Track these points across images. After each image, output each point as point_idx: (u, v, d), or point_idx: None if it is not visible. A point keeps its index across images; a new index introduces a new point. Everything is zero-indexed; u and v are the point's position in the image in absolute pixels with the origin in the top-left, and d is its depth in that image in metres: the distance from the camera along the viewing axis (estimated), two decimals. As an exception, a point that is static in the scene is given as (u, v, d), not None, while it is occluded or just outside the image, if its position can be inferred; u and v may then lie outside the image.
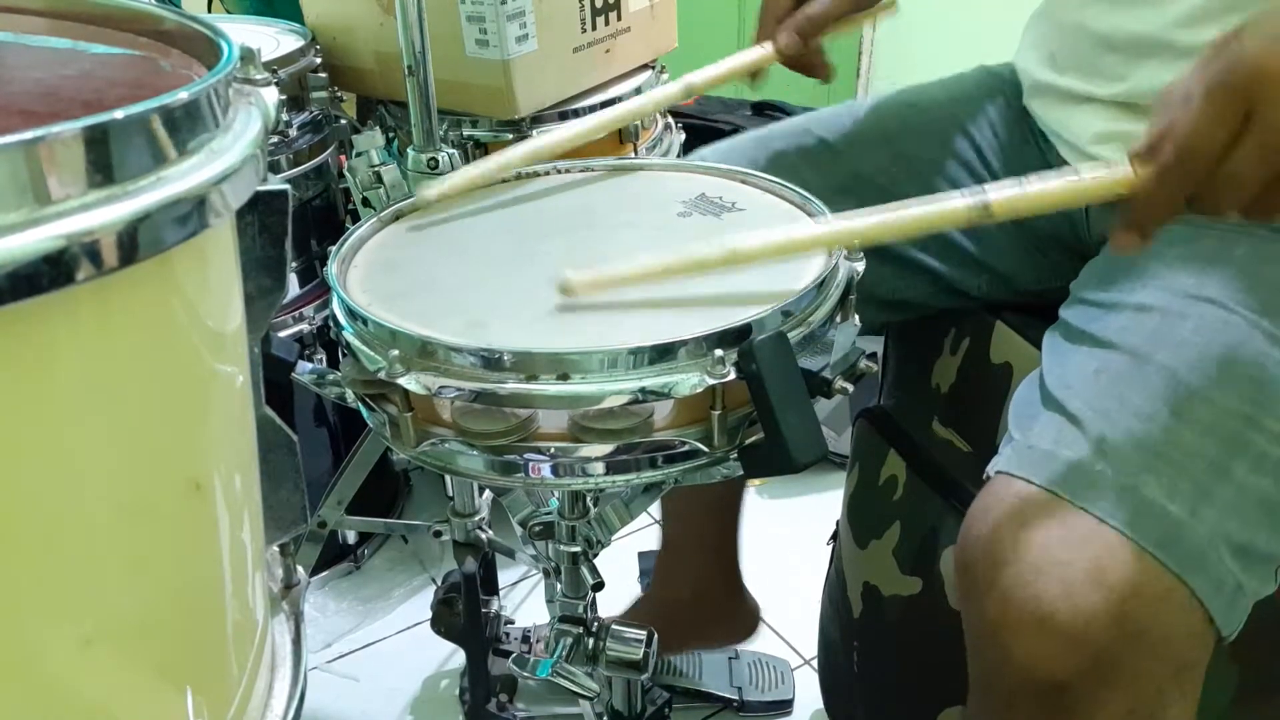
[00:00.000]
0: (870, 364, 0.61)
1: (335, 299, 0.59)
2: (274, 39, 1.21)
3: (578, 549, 0.76)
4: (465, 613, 1.03)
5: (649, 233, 0.67)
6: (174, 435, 0.35)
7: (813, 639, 1.09)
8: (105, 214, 0.28)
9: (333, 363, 1.15)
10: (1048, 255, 0.82)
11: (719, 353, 0.52)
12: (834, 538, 1.05)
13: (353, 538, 1.37)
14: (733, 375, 0.52)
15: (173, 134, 0.31)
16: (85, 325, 0.30)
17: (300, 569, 0.52)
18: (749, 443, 0.56)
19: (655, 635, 0.81)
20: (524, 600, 1.33)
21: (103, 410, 0.31)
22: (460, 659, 1.21)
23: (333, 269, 0.62)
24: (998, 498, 0.57)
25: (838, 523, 1.03)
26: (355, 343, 0.56)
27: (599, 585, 0.78)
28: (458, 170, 0.74)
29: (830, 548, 1.05)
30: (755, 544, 1.15)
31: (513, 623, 1.21)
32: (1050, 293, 0.77)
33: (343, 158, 1.26)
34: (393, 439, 0.58)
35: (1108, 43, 0.71)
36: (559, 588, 0.79)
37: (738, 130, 0.95)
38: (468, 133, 1.16)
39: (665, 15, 1.30)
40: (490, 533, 1.12)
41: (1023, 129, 0.83)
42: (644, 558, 1.36)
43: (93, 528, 0.32)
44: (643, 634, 0.80)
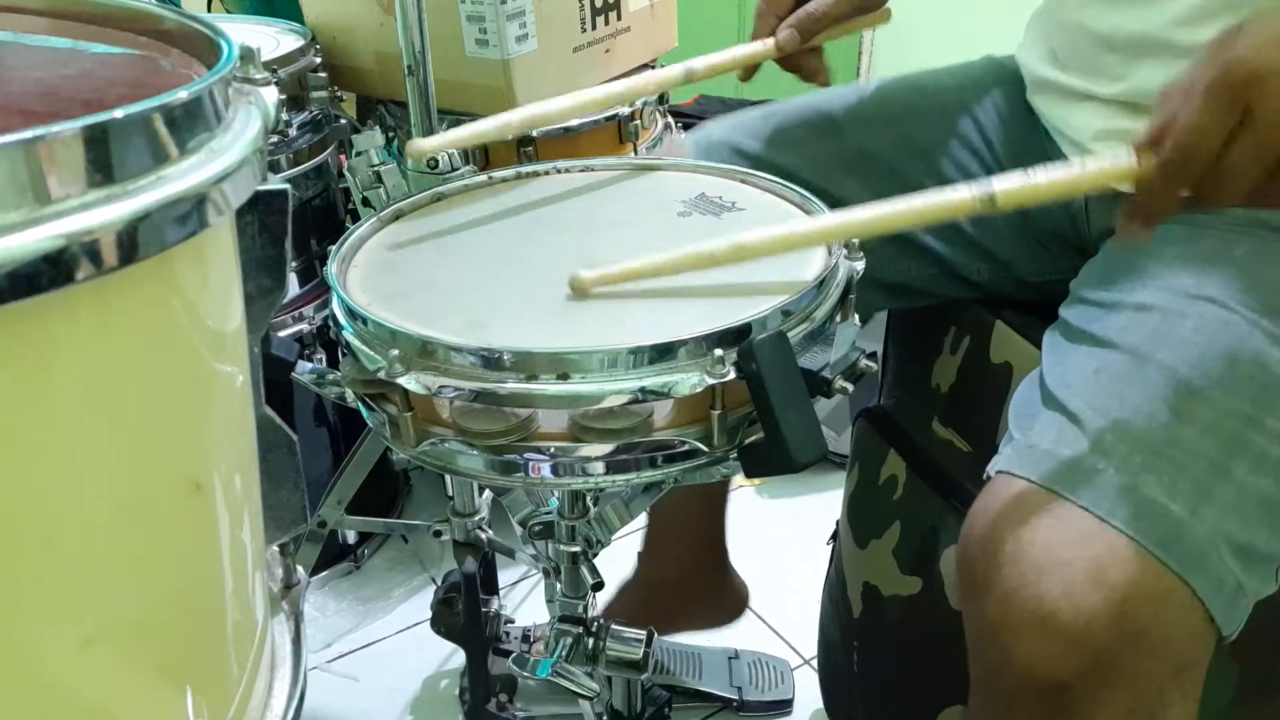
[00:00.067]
0: (870, 364, 0.61)
1: (335, 299, 0.59)
2: (274, 39, 1.21)
3: (578, 549, 0.76)
4: (465, 613, 1.03)
5: (649, 232, 0.67)
6: (174, 435, 0.35)
7: (813, 639, 1.09)
8: (105, 213, 0.28)
9: (333, 363, 1.15)
10: (1048, 248, 0.82)
11: (719, 352, 0.52)
12: (834, 538, 1.05)
13: (353, 537, 1.37)
14: (733, 375, 0.52)
15: (173, 133, 0.31)
16: (85, 325, 0.30)
17: (300, 569, 0.52)
18: (749, 442, 0.56)
19: (654, 635, 0.81)
20: (524, 600, 1.33)
21: (103, 410, 0.31)
22: (460, 659, 1.21)
23: (333, 269, 0.62)
24: (998, 497, 0.57)
25: (838, 523, 1.03)
26: (355, 343, 0.56)
27: (599, 585, 0.78)
28: (454, 129, 0.73)
29: (830, 548, 1.05)
30: (755, 544, 1.15)
31: (513, 622, 1.21)
32: (1050, 285, 0.77)
33: (343, 158, 1.26)
34: (393, 439, 0.58)
35: (1107, 42, 0.71)
36: (559, 588, 0.79)
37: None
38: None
39: (665, 15, 1.30)
40: (490, 533, 1.12)
41: (1027, 119, 0.83)
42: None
43: (93, 528, 0.32)
44: (642, 634, 0.80)
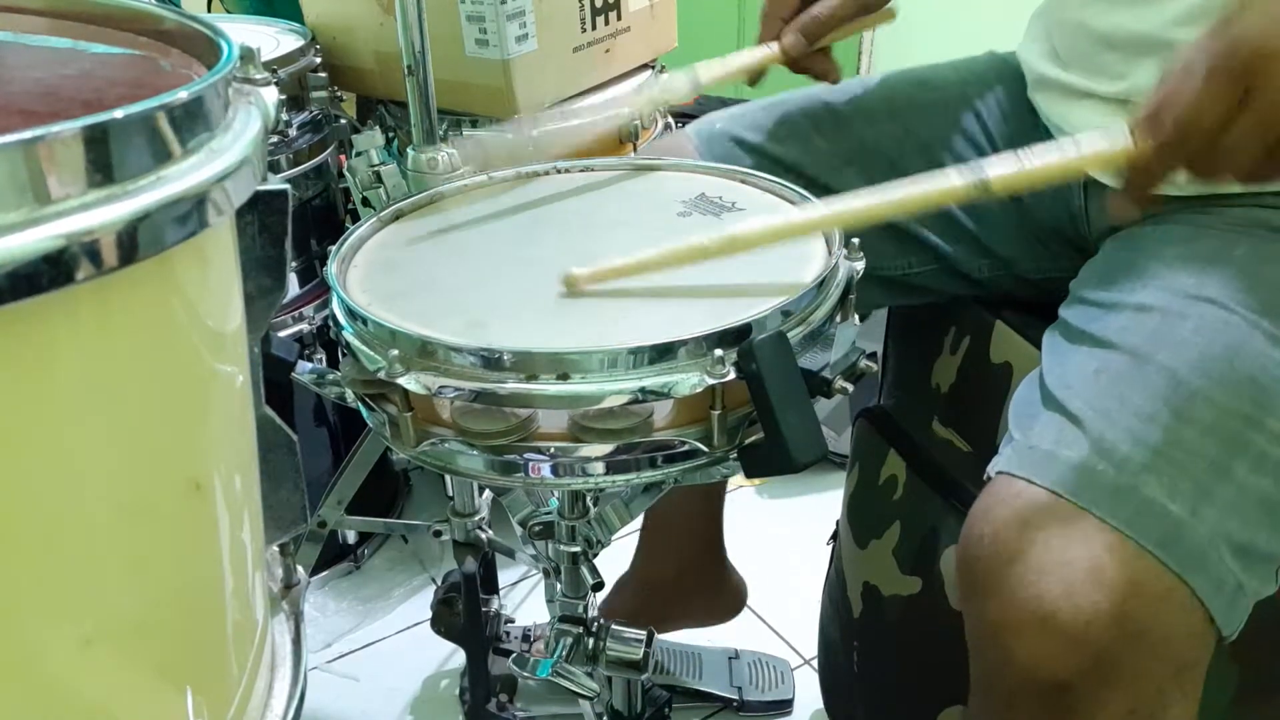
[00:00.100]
0: (870, 364, 0.61)
1: (335, 299, 0.59)
2: (274, 39, 1.21)
3: (578, 549, 0.76)
4: (465, 612, 1.03)
5: (649, 232, 0.67)
6: (174, 435, 0.35)
7: (813, 639, 1.09)
8: (105, 214, 0.28)
9: (333, 363, 1.15)
10: (1048, 245, 0.82)
11: (719, 352, 0.52)
12: (834, 538, 1.05)
13: (353, 538, 1.37)
14: (733, 375, 0.52)
15: (173, 133, 0.31)
16: (85, 325, 0.29)
17: (300, 569, 0.52)
18: (749, 442, 0.56)
19: (655, 635, 0.81)
20: (524, 600, 1.33)
21: (103, 410, 0.31)
22: (460, 659, 1.21)
23: (333, 269, 0.62)
24: (998, 498, 0.57)
25: (838, 523, 1.03)
26: (355, 343, 0.56)
27: (599, 585, 0.78)
28: (489, 135, 0.73)
29: (830, 548, 1.05)
30: (755, 544, 1.15)
31: (513, 622, 1.21)
32: (1050, 283, 0.77)
33: (343, 158, 1.26)
34: (393, 439, 0.58)
35: (1108, 41, 0.71)
36: (559, 588, 0.79)
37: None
38: (467, 133, 1.16)
39: (665, 15, 1.30)
40: (490, 533, 1.12)
41: (1029, 114, 0.82)
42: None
43: (93, 528, 0.32)
44: (642, 634, 0.80)
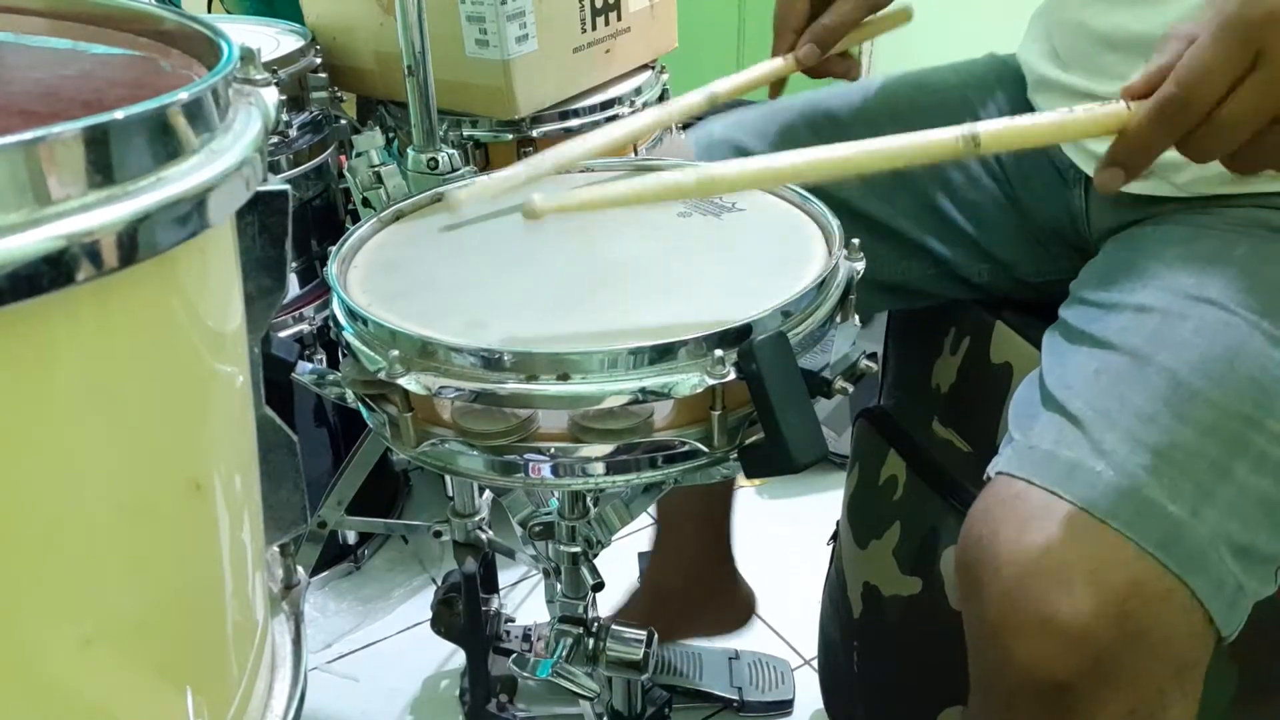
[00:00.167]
0: (870, 364, 0.61)
1: (335, 299, 0.59)
2: (274, 39, 1.21)
3: (578, 549, 0.76)
4: (465, 613, 1.03)
5: (649, 232, 0.67)
6: (174, 435, 0.35)
7: (813, 639, 1.09)
8: (105, 214, 0.28)
9: (333, 363, 1.15)
10: (1048, 248, 0.82)
11: (719, 353, 0.52)
12: (834, 538, 1.05)
13: (353, 538, 1.37)
14: (733, 375, 0.52)
15: (173, 134, 0.31)
16: (85, 325, 0.29)
17: (300, 569, 0.52)
18: (749, 443, 0.56)
19: (655, 635, 0.81)
20: (524, 600, 1.33)
21: (103, 410, 0.31)
22: (460, 659, 1.21)
23: (333, 269, 0.62)
24: (998, 498, 0.57)
25: (838, 523, 1.03)
26: (355, 343, 0.56)
27: (599, 585, 0.78)
28: (485, 177, 0.73)
29: (830, 548, 1.05)
30: (755, 544, 1.15)
31: (513, 622, 1.21)
32: (1050, 286, 0.77)
33: (343, 158, 1.26)
34: (393, 439, 0.58)
35: (1108, 42, 0.71)
36: (559, 588, 0.79)
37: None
38: (468, 133, 1.16)
39: (665, 15, 1.30)
40: (490, 533, 1.12)
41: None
42: (644, 558, 1.35)
43: (93, 528, 0.32)
44: (643, 634, 0.80)
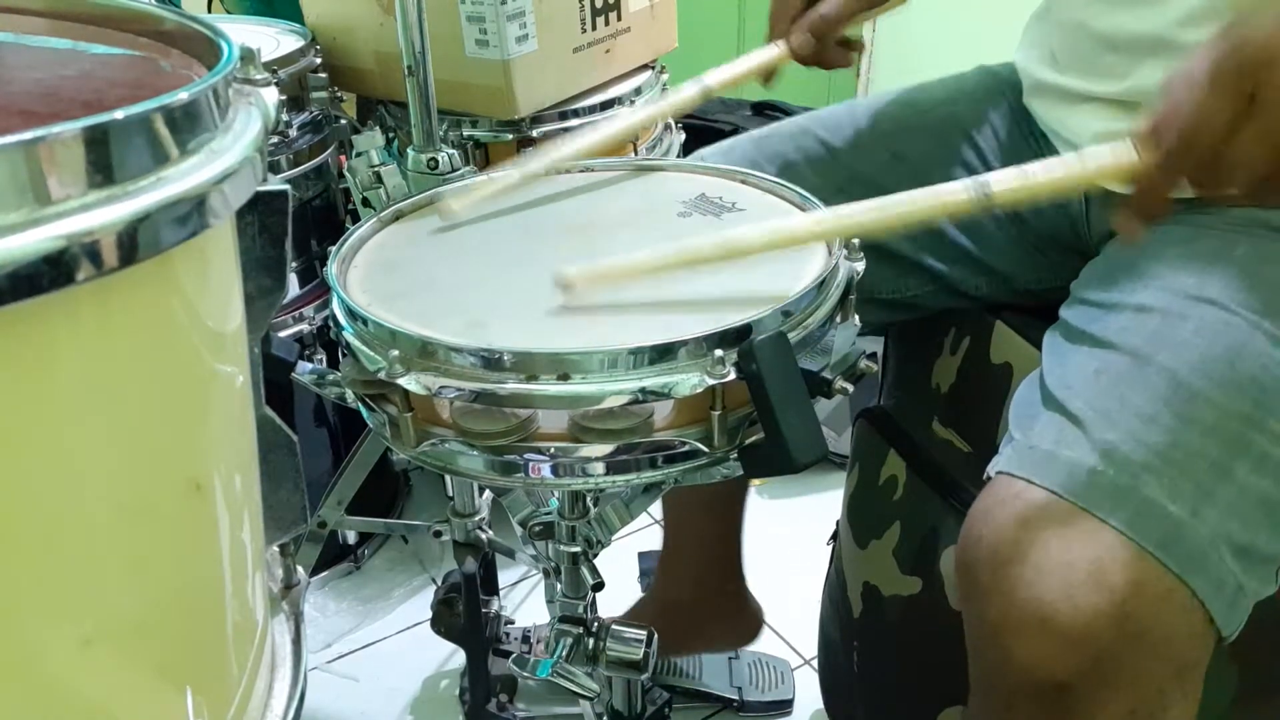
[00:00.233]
0: (870, 364, 0.61)
1: (335, 299, 0.59)
2: (274, 39, 1.21)
3: (578, 549, 0.76)
4: (465, 613, 1.03)
5: (649, 233, 0.67)
6: (174, 435, 0.35)
7: (813, 639, 1.09)
8: (105, 214, 0.28)
9: (333, 363, 1.15)
10: (1047, 255, 0.82)
11: (719, 353, 0.52)
12: (834, 538, 1.05)
13: (353, 538, 1.37)
14: (733, 375, 0.52)
15: (173, 134, 0.31)
16: (85, 325, 0.29)
17: (300, 569, 0.52)
18: (749, 443, 0.56)
19: (655, 635, 0.81)
20: (524, 600, 1.33)
21: (103, 410, 0.31)
22: (460, 659, 1.21)
23: (333, 269, 0.62)
24: (998, 499, 0.57)
25: (838, 523, 1.03)
26: (355, 343, 0.56)
27: (599, 585, 0.78)
28: (480, 179, 0.74)
29: (830, 548, 1.05)
30: (755, 544, 1.15)
31: (513, 623, 1.21)
32: (1050, 292, 0.77)
33: (343, 158, 1.26)
34: (393, 439, 0.58)
35: (1108, 42, 0.71)
36: (559, 588, 0.79)
37: (737, 130, 0.95)
38: (468, 133, 1.16)
39: (665, 15, 1.30)
40: (490, 533, 1.12)
41: (1023, 130, 0.83)
42: (644, 558, 1.36)
43: (93, 528, 0.32)
44: (643, 634, 0.80)
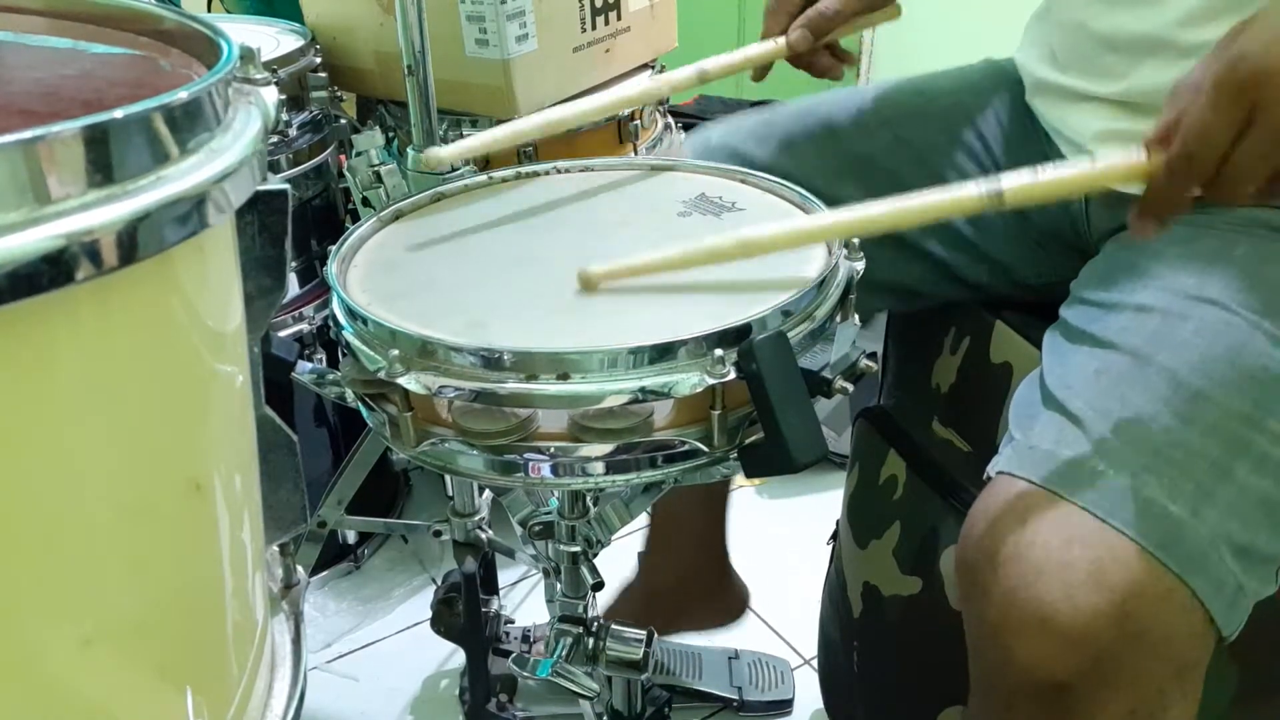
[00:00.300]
0: (870, 364, 0.61)
1: (335, 299, 0.59)
2: (274, 39, 1.21)
3: (577, 549, 0.76)
4: (465, 613, 1.03)
5: (649, 232, 0.67)
6: (174, 435, 0.35)
7: (813, 639, 1.09)
8: (105, 213, 0.28)
9: (333, 363, 1.15)
10: (1047, 250, 0.82)
11: (719, 352, 0.52)
12: (834, 538, 1.05)
13: (353, 538, 1.37)
14: (733, 375, 0.52)
15: (173, 133, 0.31)
16: (85, 325, 0.29)
17: (300, 569, 0.52)
18: (749, 442, 0.56)
19: (655, 635, 0.81)
20: (524, 600, 1.33)
21: (103, 410, 0.31)
22: (460, 659, 1.21)
23: (333, 269, 0.62)
24: (998, 498, 0.57)
25: (838, 523, 1.03)
26: (355, 343, 0.56)
27: (599, 585, 0.78)
28: (471, 136, 0.74)
29: (830, 548, 1.05)
30: (755, 544, 1.15)
31: (513, 622, 1.21)
32: (1050, 288, 0.77)
33: (343, 158, 1.26)
34: (393, 439, 0.58)
35: (1108, 42, 0.71)
36: (559, 588, 0.79)
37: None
38: (467, 132, 1.16)
39: (665, 15, 1.30)
40: (490, 533, 1.12)
41: (1027, 122, 0.82)
42: (644, 558, 1.35)
43: (93, 528, 0.32)
44: (642, 634, 0.80)
